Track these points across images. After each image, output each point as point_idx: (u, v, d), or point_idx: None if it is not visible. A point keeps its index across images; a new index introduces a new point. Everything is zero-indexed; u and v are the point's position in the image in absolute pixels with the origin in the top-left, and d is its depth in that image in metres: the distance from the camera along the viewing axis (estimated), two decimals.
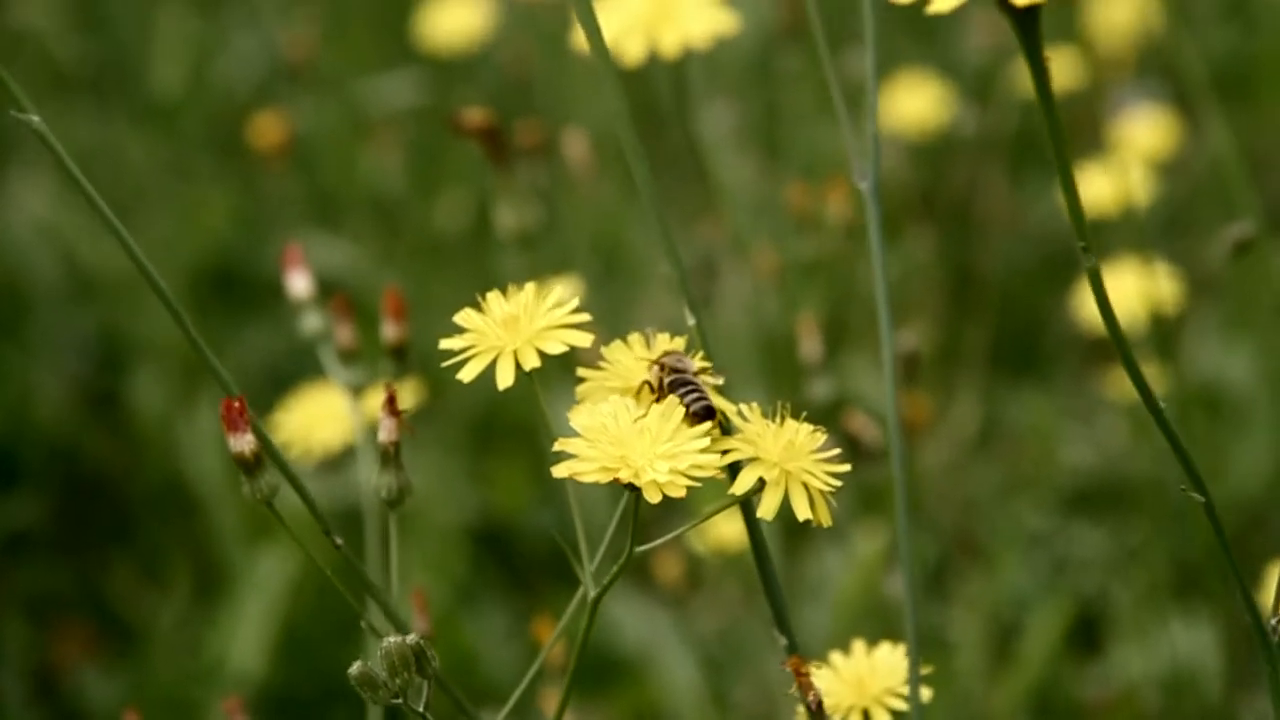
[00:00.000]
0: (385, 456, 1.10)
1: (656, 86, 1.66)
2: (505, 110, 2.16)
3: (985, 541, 2.27)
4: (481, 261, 2.50)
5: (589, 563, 1.04)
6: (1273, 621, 1.14)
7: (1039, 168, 2.75)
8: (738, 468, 1.02)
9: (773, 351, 1.99)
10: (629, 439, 0.98)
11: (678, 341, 1.06)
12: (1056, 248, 2.74)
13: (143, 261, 1.04)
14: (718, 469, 1.00)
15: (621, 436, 0.98)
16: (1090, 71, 2.40)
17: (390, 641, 1.01)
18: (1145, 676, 2.06)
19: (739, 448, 1.01)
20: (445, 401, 2.37)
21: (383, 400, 1.09)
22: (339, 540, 1.08)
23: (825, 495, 1.03)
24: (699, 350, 1.06)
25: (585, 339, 1.04)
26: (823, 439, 1.03)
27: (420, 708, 1.02)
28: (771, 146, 2.69)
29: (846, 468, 1.04)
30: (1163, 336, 1.77)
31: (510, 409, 2.41)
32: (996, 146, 2.41)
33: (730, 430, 1.03)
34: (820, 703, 1.05)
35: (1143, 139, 2.45)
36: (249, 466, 1.06)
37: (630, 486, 0.97)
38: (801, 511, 1.01)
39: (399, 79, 2.81)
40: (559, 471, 0.97)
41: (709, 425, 1.00)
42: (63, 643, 2.29)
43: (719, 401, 1.03)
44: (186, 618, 2.26)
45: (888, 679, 1.09)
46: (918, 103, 2.52)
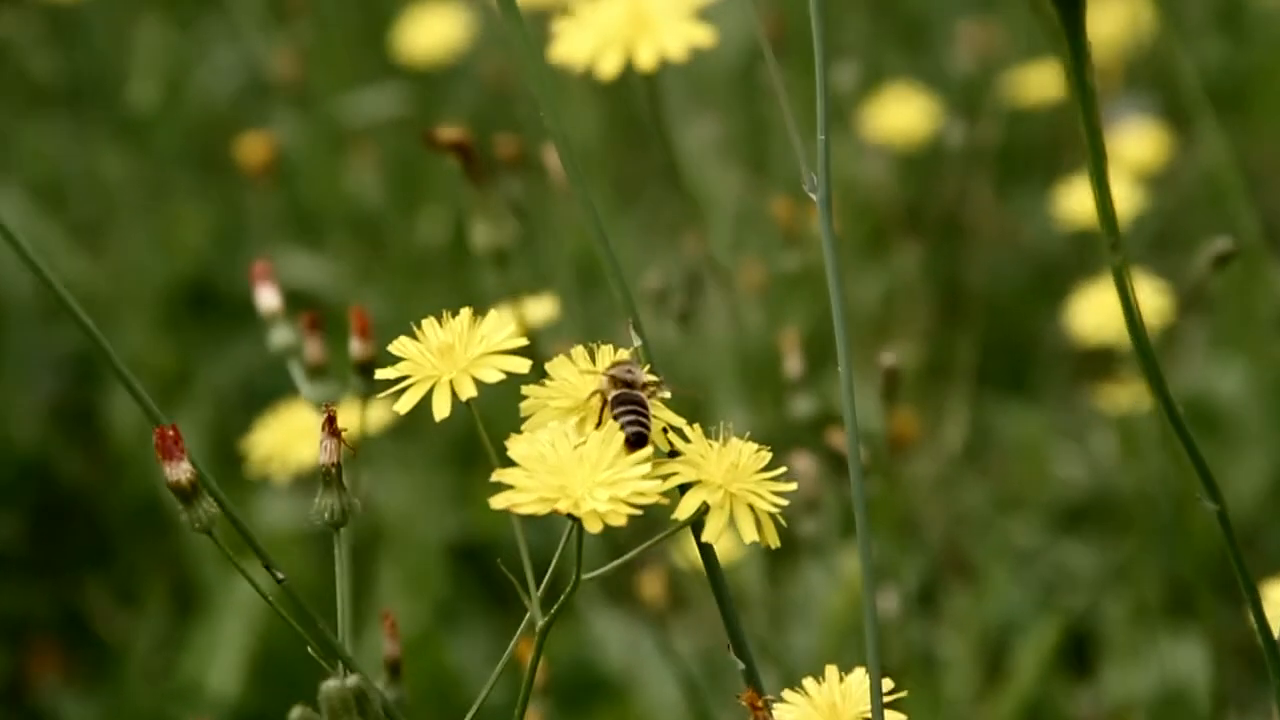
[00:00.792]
0: (327, 478, 1.07)
1: (643, 100, 1.63)
2: (486, 123, 2.14)
3: (975, 558, 2.25)
4: (462, 277, 2.48)
5: (535, 590, 1.00)
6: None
7: (1027, 181, 2.73)
8: (687, 489, 0.99)
9: (756, 367, 1.96)
10: (568, 467, 0.95)
11: (624, 353, 1.03)
12: (1045, 261, 2.72)
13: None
14: (660, 494, 0.97)
15: (560, 465, 0.96)
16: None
17: (330, 685, 0.98)
18: (1136, 695, 2.03)
19: (681, 471, 0.99)
20: (427, 419, 2.34)
21: (322, 421, 1.06)
22: (280, 574, 1.04)
23: (773, 516, 1.00)
24: (646, 365, 1.03)
25: (523, 365, 1.01)
26: (769, 458, 1.00)
27: None
28: (756, 160, 2.67)
29: (793, 486, 1.01)
30: (1153, 351, 1.75)
31: (492, 426, 2.38)
32: (984, 159, 2.39)
33: (675, 450, 1.00)
34: None
35: (1134, 151, 2.43)
36: (185, 495, 1.03)
37: (570, 517, 0.94)
38: (747, 534, 0.99)
39: (379, 93, 2.79)
40: (497, 503, 0.95)
41: (647, 451, 0.97)
42: (37, 663, 2.27)
43: (668, 416, 1.01)
44: (162, 638, 2.24)
45: (861, 704, 1.06)
46: (905, 115, 2.50)
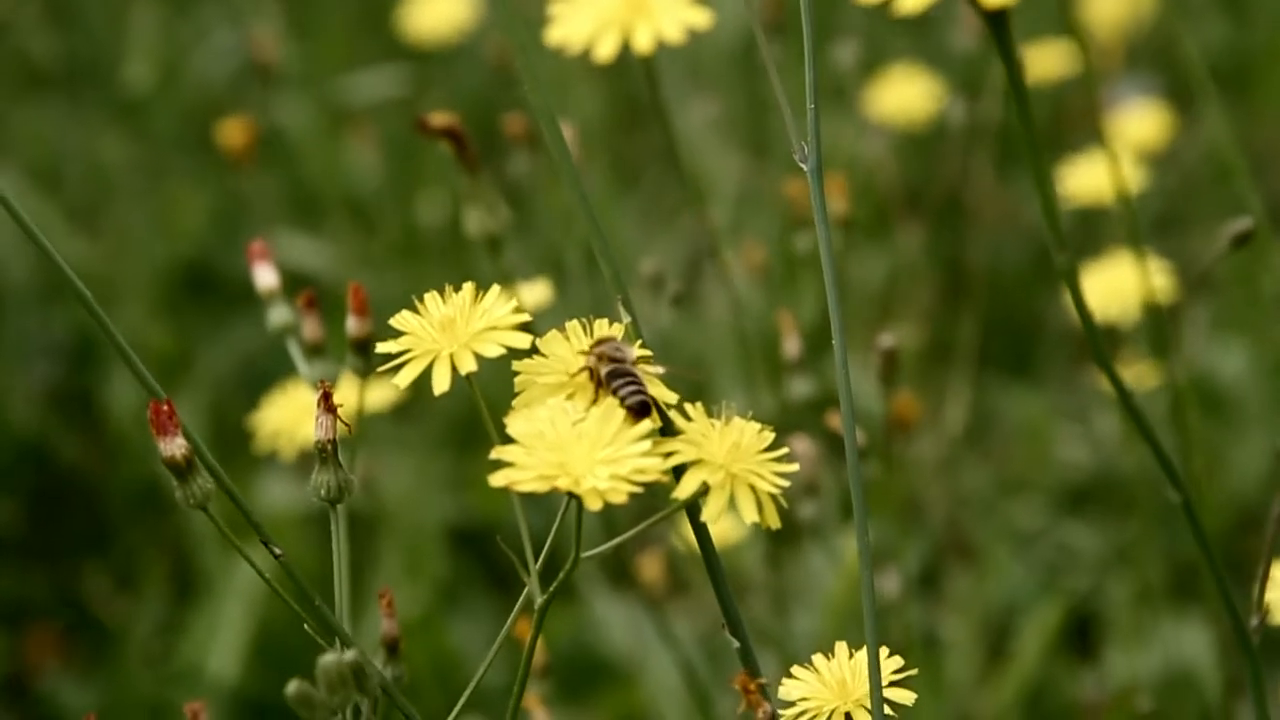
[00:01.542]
0: (323, 455, 1.06)
1: (654, 83, 1.62)
2: (488, 105, 2.13)
3: (977, 540, 2.24)
4: (461, 260, 2.47)
5: (534, 567, 1.00)
6: (1254, 622, 1.12)
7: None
8: (685, 469, 0.98)
9: (758, 348, 1.95)
10: (568, 444, 0.95)
11: (615, 329, 1.02)
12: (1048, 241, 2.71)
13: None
14: (661, 472, 0.96)
15: (560, 442, 0.95)
16: (1083, 64, 2.37)
17: (327, 659, 0.97)
18: (1139, 677, 2.03)
19: (682, 450, 0.98)
20: (427, 400, 2.33)
21: (318, 398, 1.05)
22: (278, 550, 1.04)
23: (774, 497, 0.99)
24: (637, 341, 1.03)
25: (523, 340, 1.01)
26: (771, 438, 1.00)
27: None
28: (757, 141, 2.66)
29: (795, 468, 1.01)
30: (1156, 332, 1.74)
31: (493, 408, 2.38)
32: (986, 139, 2.38)
33: (675, 429, 0.99)
34: (775, 718, 1.02)
35: (1136, 132, 2.42)
36: (180, 471, 1.02)
37: (570, 494, 0.93)
38: (748, 515, 0.98)
39: (379, 74, 2.78)
40: (496, 481, 0.94)
41: (648, 423, 0.96)
42: (36, 647, 2.27)
43: (661, 392, 1.00)
44: (162, 622, 2.24)
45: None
46: (907, 95, 2.49)
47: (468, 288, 1.03)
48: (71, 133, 2.78)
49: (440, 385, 1.00)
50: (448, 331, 1.01)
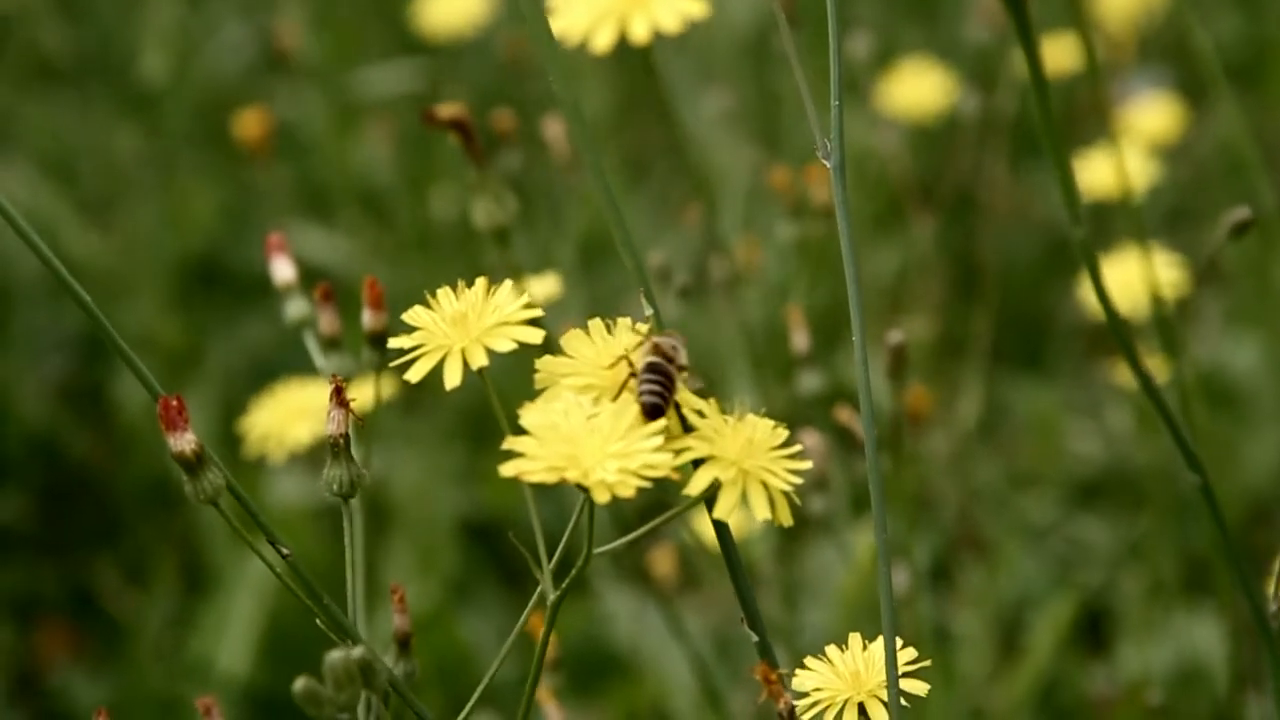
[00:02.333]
0: (335, 449, 1.06)
1: (653, 75, 1.62)
2: (501, 99, 2.12)
3: (989, 534, 2.24)
4: (474, 253, 2.46)
5: (547, 563, 0.99)
6: (1273, 608, 1.11)
7: (1042, 154, 2.71)
8: (699, 464, 0.98)
9: (766, 341, 1.95)
10: (580, 437, 0.95)
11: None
12: (1060, 235, 2.70)
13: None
14: (672, 468, 0.95)
15: (572, 435, 0.95)
16: (1095, 56, 2.36)
17: (335, 655, 0.97)
18: (1152, 672, 2.02)
19: (694, 446, 0.98)
20: (439, 395, 2.33)
21: (330, 392, 1.05)
22: (285, 549, 1.03)
23: (787, 494, 0.99)
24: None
25: (536, 335, 1.01)
26: (784, 435, 0.99)
27: None
28: (768, 134, 2.66)
29: (809, 464, 1.00)
30: (1167, 325, 1.73)
31: (505, 402, 2.37)
32: (998, 133, 2.38)
33: (691, 427, 0.99)
34: (793, 710, 1.02)
35: (1148, 125, 2.41)
36: (190, 466, 1.02)
37: (579, 486, 0.93)
38: (760, 512, 0.98)
39: (393, 68, 2.78)
40: (506, 471, 0.94)
41: (661, 423, 0.96)
42: (46, 642, 2.27)
43: (690, 400, 0.99)
44: (172, 617, 2.23)
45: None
46: (919, 88, 2.48)
47: (480, 282, 1.03)
48: (83, 126, 2.78)
49: (452, 380, 1.00)
50: (459, 326, 1.01)
